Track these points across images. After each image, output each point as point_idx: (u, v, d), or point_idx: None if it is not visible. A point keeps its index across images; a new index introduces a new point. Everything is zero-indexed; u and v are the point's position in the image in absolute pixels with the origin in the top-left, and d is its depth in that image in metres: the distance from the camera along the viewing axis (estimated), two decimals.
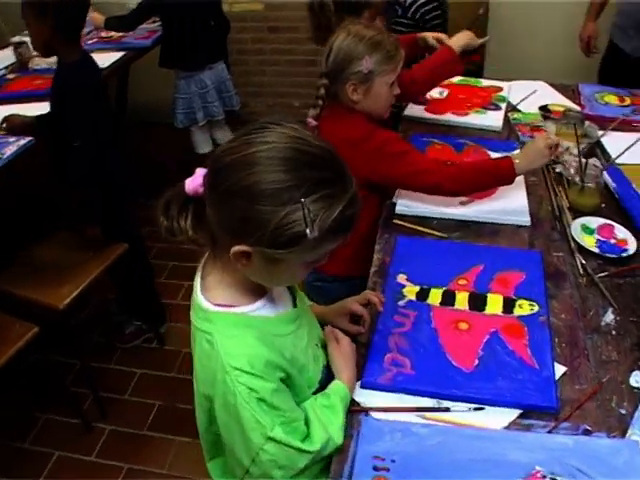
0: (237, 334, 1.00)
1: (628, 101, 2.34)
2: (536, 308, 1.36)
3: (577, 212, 1.73)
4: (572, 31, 3.13)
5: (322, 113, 1.69)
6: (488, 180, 1.66)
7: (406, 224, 1.66)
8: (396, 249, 1.54)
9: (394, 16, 2.57)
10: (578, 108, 2.27)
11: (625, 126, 2.13)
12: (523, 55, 3.61)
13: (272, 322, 1.06)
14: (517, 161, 1.60)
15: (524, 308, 1.37)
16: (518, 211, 1.69)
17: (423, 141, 2.03)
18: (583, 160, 1.74)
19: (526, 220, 1.66)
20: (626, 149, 1.81)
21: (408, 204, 1.70)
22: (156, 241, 3.12)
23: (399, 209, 1.69)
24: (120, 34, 3.20)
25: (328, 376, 1.17)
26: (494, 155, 1.95)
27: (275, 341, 1.03)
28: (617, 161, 1.95)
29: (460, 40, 2.00)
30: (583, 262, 1.55)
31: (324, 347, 1.21)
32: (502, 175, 1.63)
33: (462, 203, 1.70)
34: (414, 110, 2.26)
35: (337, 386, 1.14)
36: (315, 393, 1.13)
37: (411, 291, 1.40)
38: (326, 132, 1.67)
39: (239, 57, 3.89)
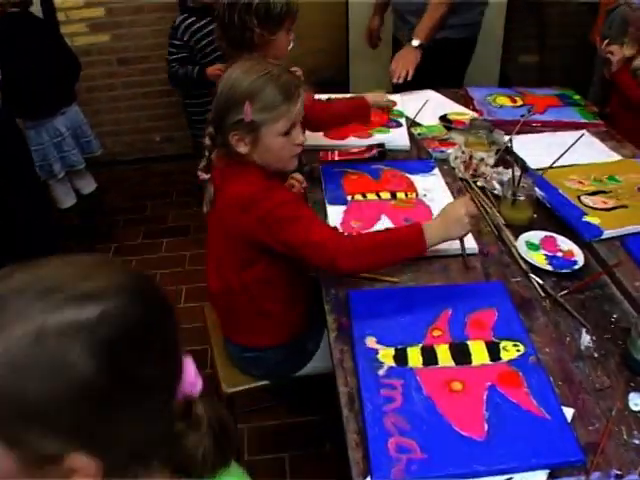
0: None
1: (519, 101, 2.33)
2: (522, 348, 1.25)
3: (511, 227, 1.65)
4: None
5: (215, 164, 1.48)
6: (393, 254, 1.39)
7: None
8: (351, 306, 1.36)
9: None
10: (476, 115, 2.22)
11: (525, 127, 2.11)
12: None
13: None
14: (429, 231, 1.36)
15: (510, 351, 1.24)
16: None
17: (335, 172, 1.87)
18: (517, 173, 1.66)
19: (473, 247, 1.55)
20: (566, 150, 1.75)
21: None
22: None
23: None
24: None
25: None
26: (414, 178, 1.83)
27: None
28: (532, 166, 1.92)
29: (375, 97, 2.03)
30: (540, 282, 1.46)
31: None
32: (410, 248, 1.38)
33: None
34: (312, 138, 2.08)
35: None
36: None
37: (387, 355, 1.23)
38: (220, 189, 1.47)
39: (89, 95, 3.54)
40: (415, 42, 2.42)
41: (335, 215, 1.66)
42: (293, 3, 1.75)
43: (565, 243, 1.59)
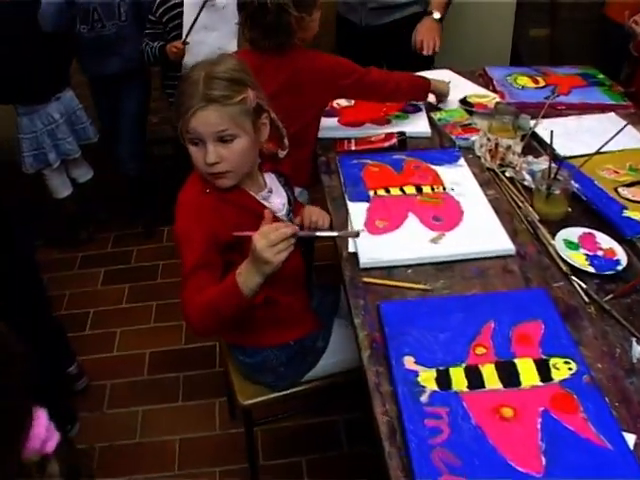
0: None
1: (542, 82, 2.20)
2: (574, 366, 1.14)
3: (545, 223, 1.54)
4: None
5: None
6: (224, 312, 1.23)
7: (378, 281, 1.37)
8: (384, 320, 1.24)
9: None
10: (497, 97, 2.09)
11: (549, 110, 1.98)
12: None
13: None
14: (242, 279, 1.18)
15: (561, 369, 1.14)
16: (497, 238, 1.46)
17: (354, 164, 1.74)
18: (553, 165, 1.54)
19: (510, 248, 1.43)
20: (608, 140, 1.62)
21: (372, 254, 1.41)
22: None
23: (364, 262, 1.40)
24: None
25: None
26: (439, 169, 1.71)
27: None
28: (562, 154, 1.80)
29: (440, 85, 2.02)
30: (584, 286, 1.36)
31: None
32: (233, 304, 1.21)
33: (433, 240, 1.44)
34: (327, 128, 1.95)
35: None
36: None
37: (428, 378, 1.12)
38: None
39: (82, 77, 3.36)
40: (436, 15, 2.34)
41: (358, 213, 1.54)
42: None
43: (605, 240, 1.48)
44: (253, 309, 1.34)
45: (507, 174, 1.73)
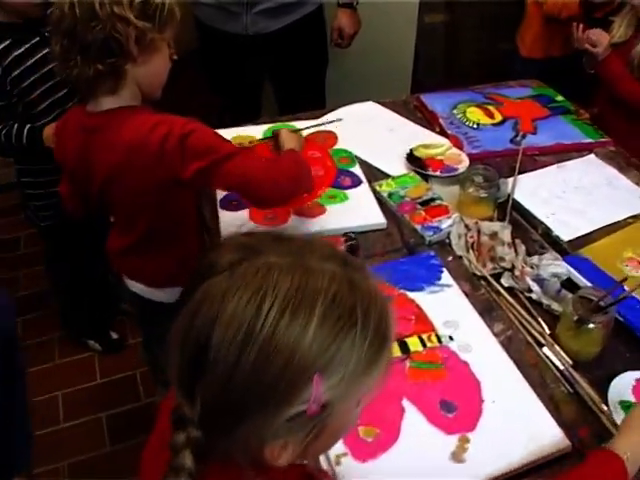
0: None
1: (497, 115, 1.72)
2: None
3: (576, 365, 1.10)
4: None
5: None
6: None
7: None
8: None
9: None
10: (450, 145, 1.59)
11: (515, 156, 1.55)
12: None
13: None
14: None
15: None
16: (547, 434, 0.96)
17: None
18: (579, 293, 1.07)
19: (567, 445, 0.95)
20: None
21: None
22: None
23: None
24: None
25: None
26: (420, 299, 1.20)
27: None
28: (563, 237, 1.36)
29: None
30: None
31: None
32: None
33: (454, 457, 0.94)
34: (234, 227, 1.36)
35: None
36: None
37: None
38: None
39: None
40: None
41: None
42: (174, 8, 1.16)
43: None
44: None
45: (504, 282, 1.26)
